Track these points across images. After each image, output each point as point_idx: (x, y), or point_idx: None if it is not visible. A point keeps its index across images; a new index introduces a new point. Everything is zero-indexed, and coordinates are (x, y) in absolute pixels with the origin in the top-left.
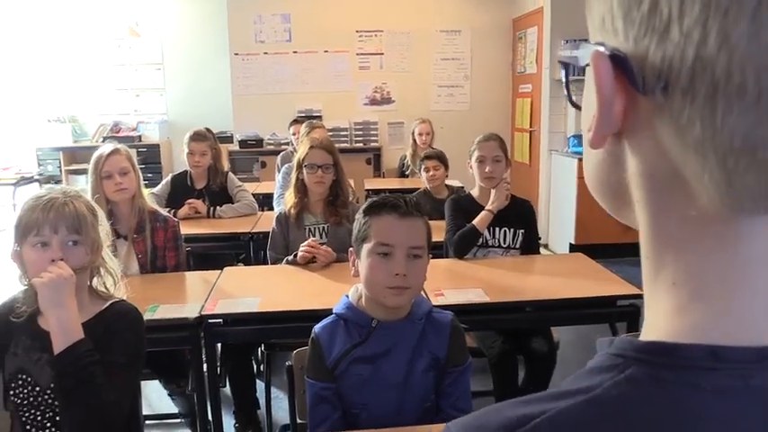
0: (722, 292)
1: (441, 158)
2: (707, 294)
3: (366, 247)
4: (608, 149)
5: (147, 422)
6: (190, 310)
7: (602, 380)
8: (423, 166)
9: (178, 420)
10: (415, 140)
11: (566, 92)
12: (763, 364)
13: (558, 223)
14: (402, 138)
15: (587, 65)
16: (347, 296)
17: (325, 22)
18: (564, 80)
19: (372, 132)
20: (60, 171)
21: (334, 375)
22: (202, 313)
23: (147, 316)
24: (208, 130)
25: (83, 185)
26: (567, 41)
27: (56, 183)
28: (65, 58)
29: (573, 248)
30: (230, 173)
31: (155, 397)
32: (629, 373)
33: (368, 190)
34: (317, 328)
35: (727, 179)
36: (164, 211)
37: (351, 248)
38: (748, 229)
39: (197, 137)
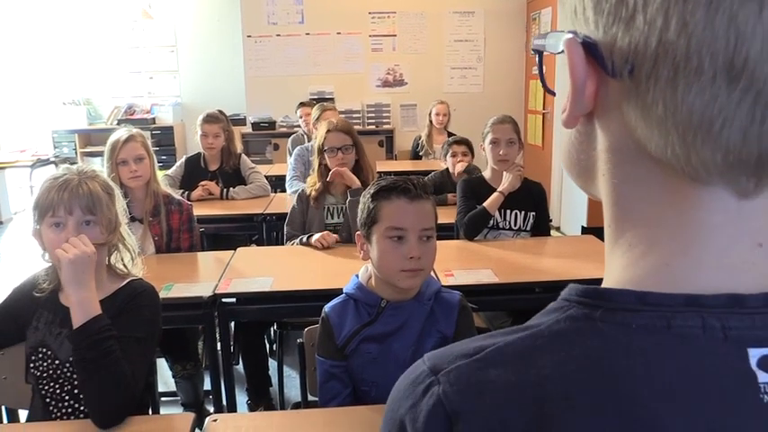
0: (668, 250)
1: (469, 146)
2: (654, 252)
3: (377, 230)
4: (579, 129)
5: (162, 398)
6: (204, 289)
7: (549, 319)
8: (450, 151)
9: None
10: (431, 121)
11: (540, 78)
12: (690, 308)
13: (570, 206)
14: (415, 120)
15: (561, 52)
16: (357, 276)
17: (338, 3)
18: (539, 67)
19: (385, 114)
20: (76, 153)
21: (344, 354)
22: (216, 292)
23: (162, 294)
24: (221, 112)
25: (99, 167)
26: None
27: (71, 165)
28: (79, 41)
29: (585, 231)
30: (243, 155)
31: (169, 375)
32: (570, 313)
33: (380, 172)
34: (327, 307)
35: (686, 153)
36: (177, 195)
37: (358, 232)
38: (701, 197)
39: (210, 119)
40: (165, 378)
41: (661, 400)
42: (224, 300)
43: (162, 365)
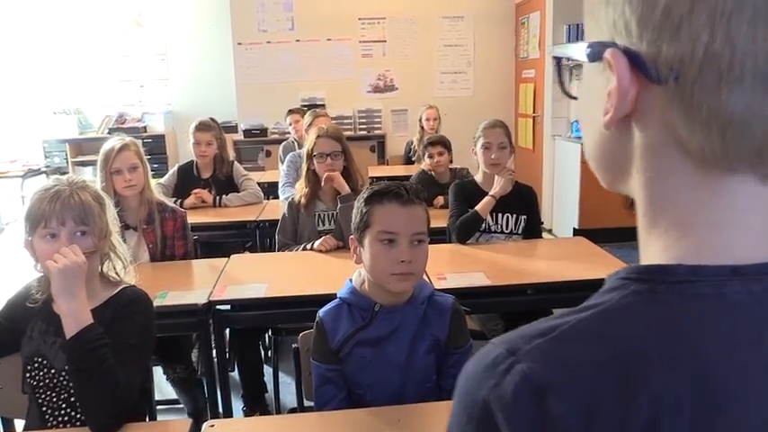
0: (706, 230)
1: (445, 144)
2: (693, 233)
3: (369, 234)
4: (615, 129)
5: (158, 407)
6: (198, 297)
7: (612, 296)
8: (426, 152)
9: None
10: (422, 126)
11: (560, 84)
12: (736, 277)
13: (561, 208)
14: (406, 125)
15: (593, 60)
16: (351, 281)
17: (328, 9)
18: (557, 74)
19: (376, 120)
20: (67, 162)
21: (338, 357)
22: (211, 299)
23: (156, 302)
24: (213, 119)
25: (89, 177)
26: (569, 26)
27: (62, 174)
28: (69, 50)
29: (576, 233)
30: (236, 162)
31: (165, 382)
32: (633, 288)
33: (372, 177)
34: (321, 312)
35: (724, 148)
36: (170, 202)
37: (352, 236)
38: (734, 184)
39: (202, 126)
40: (163, 386)
41: (723, 356)
42: (219, 307)
43: (159, 373)
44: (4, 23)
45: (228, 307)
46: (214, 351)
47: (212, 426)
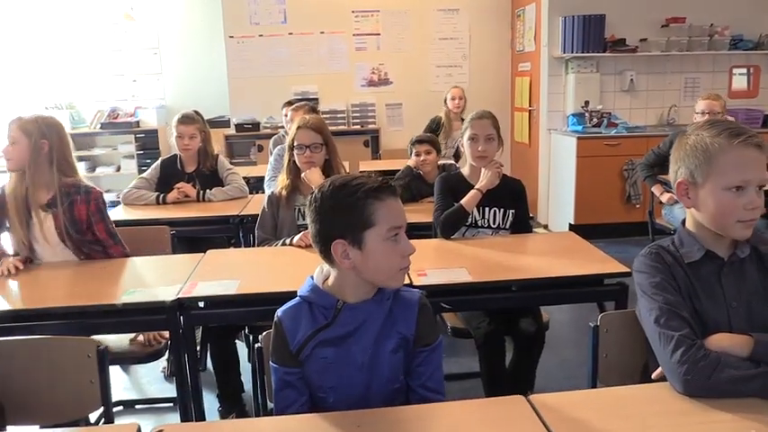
0: None
1: (432, 143)
2: None
3: (373, 233)
4: None
5: (137, 406)
6: (167, 294)
7: None
8: (413, 150)
9: (168, 405)
10: (447, 105)
11: None
12: None
13: (557, 203)
14: (401, 119)
15: None
16: (312, 278)
17: (321, 2)
18: None
19: (370, 114)
20: None
21: (298, 360)
22: (180, 296)
23: (124, 299)
24: (196, 112)
25: (82, 173)
26: (564, 18)
27: None
28: (61, 44)
29: (572, 228)
30: (220, 156)
31: (145, 381)
32: None
33: (362, 172)
34: (279, 311)
35: None
36: (88, 182)
37: (339, 240)
38: None
39: (185, 119)
40: (141, 385)
41: None
42: (191, 304)
43: (138, 372)
44: None
45: (201, 304)
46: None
47: (161, 431)
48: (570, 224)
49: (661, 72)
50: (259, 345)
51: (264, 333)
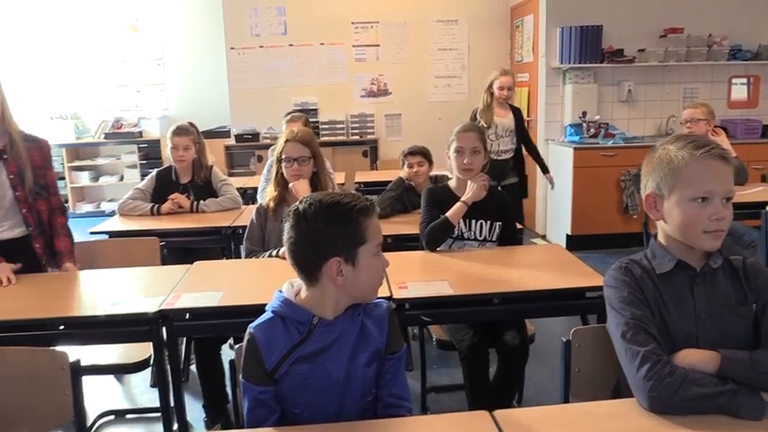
0: None
1: (425, 154)
2: None
3: (365, 250)
4: None
5: (127, 416)
6: (150, 305)
7: None
8: (405, 162)
9: (158, 414)
10: (492, 93)
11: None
12: None
13: (555, 213)
14: (399, 130)
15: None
16: (281, 291)
17: (321, 13)
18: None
19: (369, 125)
20: (63, 167)
21: (273, 378)
22: (163, 308)
23: (107, 310)
24: (191, 124)
25: (86, 182)
26: (562, 29)
27: (59, 179)
28: (66, 55)
29: (570, 239)
30: (215, 167)
31: (137, 392)
32: None
33: (358, 182)
34: (252, 327)
35: None
36: (34, 133)
37: (335, 258)
38: None
39: (179, 131)
40: (132, 395)
41: None
42: (172, 315)
43: (129, 382)
44: (3, 29)
45: (186, 315)
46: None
47: None
48: (568, 234)
49: (659, 82)
50: (232, 358)
51: (238, 345)
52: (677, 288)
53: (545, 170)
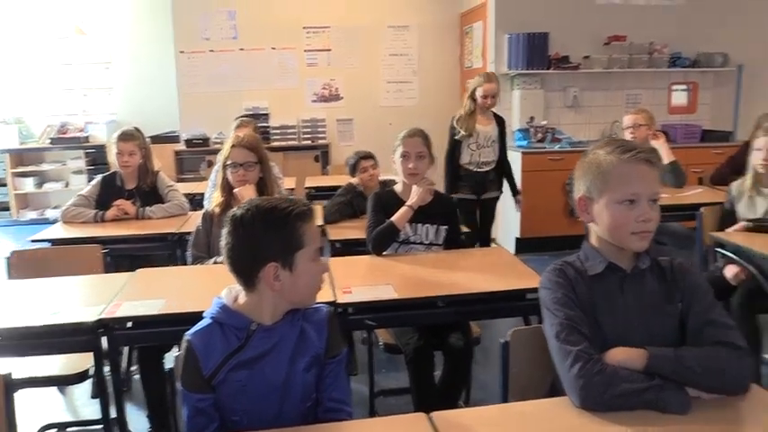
0: None
1: (373, 157)
2: None
3: (303, 254)
4: None
5: (69, 429)
6: (90, 314)
7: None
8: (357, 168)
9: (100, 426)
10: (474, 99)
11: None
12: None
13: (505, 217)
14: (351, 134)
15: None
16: (220, 298)
17: (272, 18)
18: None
19: (320, 129)
20: (6, 174)
21: (211, 385)
22: (102, 316)
23: (46, 320)
24: (137, 129)
25: (30, 189)
26: (510, 36)
27: (1, 186)
28: (10, 58)
29: (519, 242)
30: (161, 173)
31: (79, 404)
32: None
33: (308, 188)
34: (190, 334)
35: None
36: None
37: (272, 263)
38: None
39: (124, 136)
40: (75, 408)
41: None
42: (112, 324)
43: (73, 394)
44: None
45: (128, 324)
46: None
47: None
48: (517, 237)
49: (604, 89)
50: (170, 366)
51: (176, 354)
52: (608, 289)
53: (515, 192)
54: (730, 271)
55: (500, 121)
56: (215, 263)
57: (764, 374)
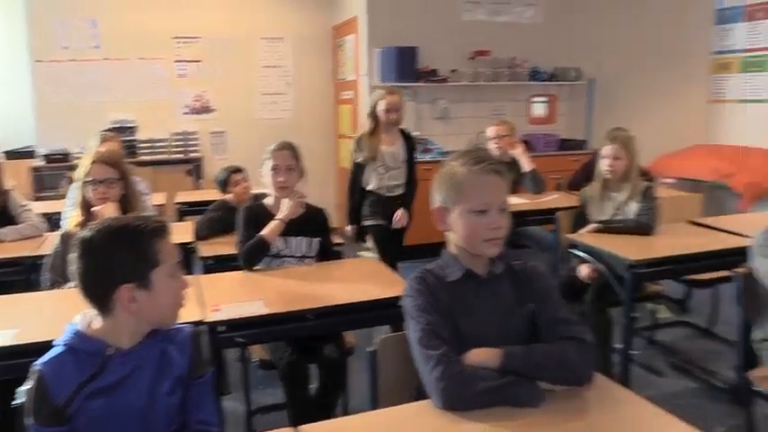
0: None
1: (243, 171)
2: None
3: (160, 272)
4: None
5: None
6: None
7: None
8: (232, 181)
9: None
10: (376, 116)
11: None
12: None
13: None
14: (225, 147)
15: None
16: (74, 324)
17: (138, 27)
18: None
19: (192, 143)
20: None
21: (66, 416)
22: None
23: None
24: None
25: None
26: (381, 50)
27: None
28: None
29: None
30: (12, 192)
31: None
32: None
33: (179, 203)
34: (39, 363)
35: None
36: None
37: (125, 285)
38: None
39: None
40: None
41: None
42: None
43: None
44: None
45: None
46: None
47: None
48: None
49: (471, 101)
50: (19, 401)
51: (24, 388)
52: (465, 294)
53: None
54: (583, 270)
55: (407, 138)
56: (74, 287)
57: (616, 362)
